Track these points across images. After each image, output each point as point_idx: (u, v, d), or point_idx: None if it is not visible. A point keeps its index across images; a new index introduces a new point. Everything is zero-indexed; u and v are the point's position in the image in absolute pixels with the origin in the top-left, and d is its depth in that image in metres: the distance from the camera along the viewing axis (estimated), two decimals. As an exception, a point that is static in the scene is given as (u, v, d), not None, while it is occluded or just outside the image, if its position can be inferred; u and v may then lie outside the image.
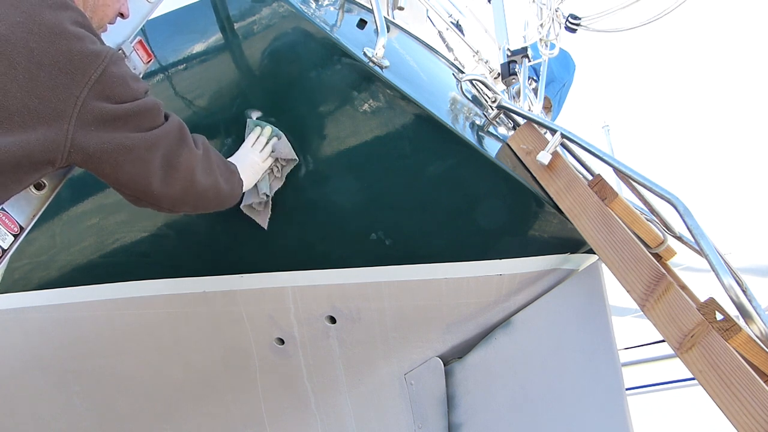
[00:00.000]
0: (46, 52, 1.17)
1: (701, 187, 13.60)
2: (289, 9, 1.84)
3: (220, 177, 1.59)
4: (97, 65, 1.23)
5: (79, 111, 1.21)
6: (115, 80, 1.27)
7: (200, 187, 1.50)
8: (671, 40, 35.17)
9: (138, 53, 1.62)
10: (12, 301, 2.69)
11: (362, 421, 2.43)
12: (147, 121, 1.35)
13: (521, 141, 1.95)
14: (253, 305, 2.33)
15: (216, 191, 1.58)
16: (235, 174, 1.70)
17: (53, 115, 1.18)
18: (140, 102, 1.33)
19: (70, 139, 1.21)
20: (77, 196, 2.35)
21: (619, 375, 1.85)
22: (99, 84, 1.23)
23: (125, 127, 1.30)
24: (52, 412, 2.99)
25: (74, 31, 1.22)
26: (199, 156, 1.49)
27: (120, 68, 1.30)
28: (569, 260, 2.04)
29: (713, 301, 1.48)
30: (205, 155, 1.53)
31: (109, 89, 1.26)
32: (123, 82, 1.29)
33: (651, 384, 5.68)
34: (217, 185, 1.58)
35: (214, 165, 1.57)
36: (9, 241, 1.30)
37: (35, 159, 1.18)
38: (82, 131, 1.22)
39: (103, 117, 1.25)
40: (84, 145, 1.23)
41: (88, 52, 1.23)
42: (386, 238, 2.01)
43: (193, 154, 1.47)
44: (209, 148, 1.58)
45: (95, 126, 1.24)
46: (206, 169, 1.52)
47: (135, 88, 1.33)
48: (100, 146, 1.26)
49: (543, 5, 2.41)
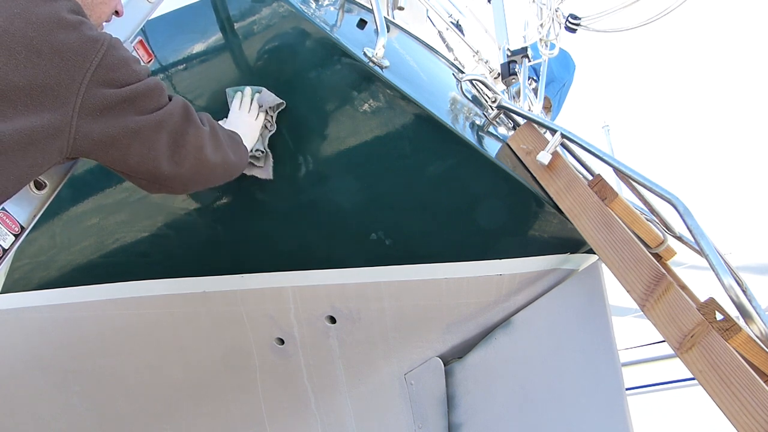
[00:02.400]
0: (45, 40, 1.17)
1: (701, 187, 13.60)
2: (289, 9, 1.85)
3: (228, 150, 1.58)
4: (96, 50, 1.23)
5: (83, 98, 1.21)
6: (116, 63, 1.27)
7: (210, 164, 1.49)
8: (671, 40, 35.15)
9: (138, 53, 1.62)
10: (12, 301, 2.69)
11: (362, 421, 2.43)
12: (151, 102, 1.35)
13: (521, 141, 1.95)
14: (253, 305, 2.33)
15: (225, 165, 1.57)
16: (240, 144, 1.70)
17: (57, 102, 1.18)
18: (142, 83, 1.32)
19: (75, 127, 1.21)
20: (77, 196, 2.35)
21: (619, 375, 1.85)
22: (100, 68, 1.23)
23: (130, 110, 1.29)
24: (52, 412, 2.99)
25: (71, 18, 1.23)
26: (207, 133, 1.49)
27: (120, 51, 1.29)
28: (569, 260, 2.04)
29: (713, 301, 1.48)
30: (212, 132, 1.52)
31: (110, 73, 1.25)
32: (124, 65, 1.29)
33: (651, 384, 5.69)
34: (227, 159, 1.57)
35: (222, 140, 1.56)
36: (10, 241, 1.30)
37: (41, 146, 1.17)
38: (87, 118, 1.22)
39: (107, 102, 1.25)
40: (89, 131, 1.23)
41: (87, 38, 1.23)
42: (386, 238, 2.01)
43: (201, 132, 1.46)
44: (215, 125, 1.57)
45: (99, 112, 1.24)
46: (215, 145, 1.52)
47: (137, 70, 1.32)
48: (105, 132, 1.25)
49: (543, 5, 2.41)
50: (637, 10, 2.38)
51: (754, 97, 23.25)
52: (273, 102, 1.91)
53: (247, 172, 1.98)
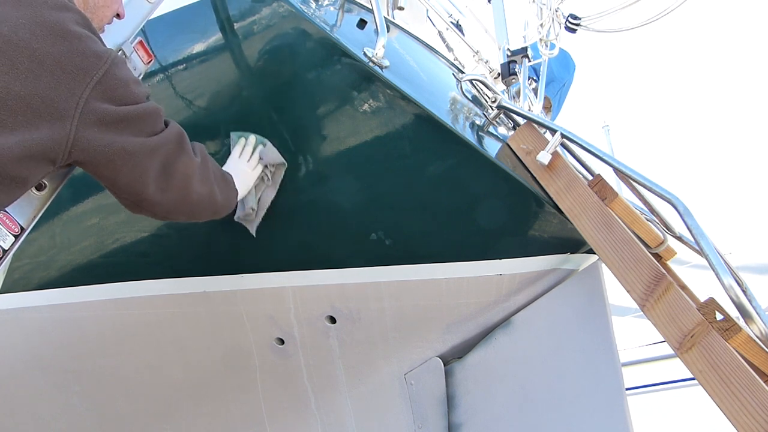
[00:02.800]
0: (48, 52, 1.17)
1: (701, 187, 13.60)
2: (289, 9, 1.85)
3: (215, 186, 1.58)
4: (99, 66, 1.23)
5: (82, 111, 1.20)
6: (117, 82, 1.27)
7: (195, 197, 1.49)
8: (671, 40, 35.15)
9: (138, 53, 1.62)
10: (12, 301, 2.69)
11: (362, 421, 2.43)
12: (148, 125, 1.35)
13: (521, 141, 1.95)
14: (253, 305, 2.33)
15: (211, 201, 1.57)
16: (230, 183, 1.70)
17: (56, 114, 1.18)
18: (142, 106, 1.33)
19: (72, 139, 1.21)
20: (77, 196, 2.35)
21: (619, 375, 1.85)
22: (101, 85, 1.23)
23: (127, 131, 1.29)
24: (52, 412, 2.99)
25: (77, 31, 1.23)
26: (197, 164, 1.49)
27: (122, 71, 1.30)
28: (569, 260, 2.04)
29: (713, 301, 1.48)
30: (203, 164, 1.52)
31: (111, 91, 1.25)
32: (125, 85, 1.29)
33: (651, 384, 5.69)
34: (213, 195, 1.57)
35: (211, 174, 1.57)
36: (10, 242, 1.30)
37: (37, 158, 1.18)
38: (84, 131, 1.22)
39: (105, 118, 1.25)
40: (85, 145, 1.23)
41: (91, 52, 1.23)
42: (386, 238, 2.01)
43: (192, 163, 1.46)
44: (207, 157, 1.57)
45: (97, 127, 1.24)
46: (203, 178, 1.52)
47: (136, 92, 1.33)
48: (101, 148, 1.25)
49: (543, 5, 2.41)
50: (636, 10, 2.38)
51: (754, 97, 23.25)
52: (275, 160, 1.93)
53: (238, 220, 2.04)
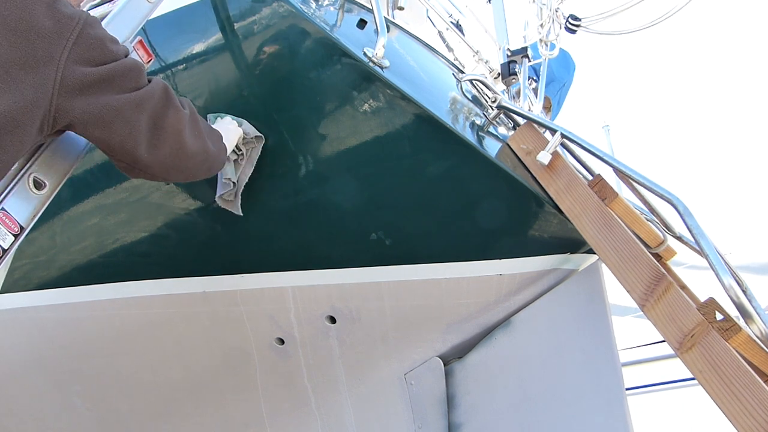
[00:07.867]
0: (20, 18, 1.16)
1: (701, 187, 13.60)
2: (289, 9, 1.85)
3: (207, 139, 1.57)
4: (72, 27, 1.22)
5: (62, 76, 1.20)
6: (92, 42, 1.26)
7: (189, 150, 1.47)
8: (671, 40, 35.16)
9: (138, 53, 1.61)
10: (12, 301, 2.69)
11: (362, 420, 2.43)
12: (130, 81, 1.33)
13: (521, 141, 1.95)
14: (253, 305, 2.33)
15: (205, 154, 1.55)
16: (219, 138, 1.68)
17: (36, 79, 1.17)
18: (121, 62, 1.31)
19: (55, 105, 1.20)
20: (77, 196, 2.35)
21: (619, 375, 1.85)
22: (77, 46, 1.22)
23: (109, 90, 1.28)
24: (52, 412, 2.99)
25: None
26: (186, 117, 1.47)
27: (96, 30, 1.29)
28: (569, 260, 2.04)
29: (713, 301, 1.48)
30: (192, 117, 1.51)
31: (87, 51, 1.24)
32: (101, 44, 1.28)
33: (651, 384, 5.68)
34: (206, 147, 1.55)
35: (201, 126, 1.55)
36: (9, 241, 1.30)
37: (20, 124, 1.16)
38: (67, 96, 1.21)
39: (87, 80, 1.24)
40: (69, 109, 1.23)
41: (62, 14, 1.22)
42: (386, 238, 2.01)
43: (181, 115, 1.44)
44: (195, 111, 1.56)
45: (79, 90, 1.23)
46: (194, 130, 1.50)
47: (114, 50, 1.31)
48: (86, 110, 1.25)
49: (543, 5, 2.42)
50: (636, 11, 2.38)
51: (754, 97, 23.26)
52: (253, 132, 1.93)
53: (220, 203, 2.01)
